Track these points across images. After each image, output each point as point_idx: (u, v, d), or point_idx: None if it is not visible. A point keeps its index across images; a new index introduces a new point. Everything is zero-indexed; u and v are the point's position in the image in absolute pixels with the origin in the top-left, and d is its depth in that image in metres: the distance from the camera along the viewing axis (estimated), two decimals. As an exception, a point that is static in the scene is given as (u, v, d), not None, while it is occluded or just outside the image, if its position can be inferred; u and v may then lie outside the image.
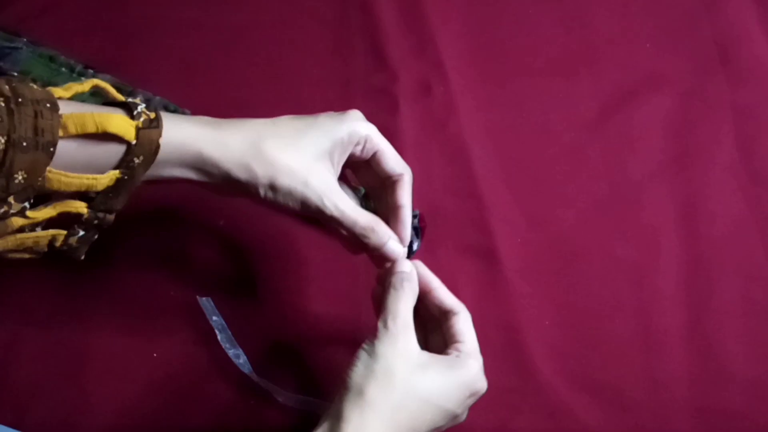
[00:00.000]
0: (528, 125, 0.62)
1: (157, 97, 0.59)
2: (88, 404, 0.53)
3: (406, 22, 0.65)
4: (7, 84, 0.37)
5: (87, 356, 0.55)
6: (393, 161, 0.47)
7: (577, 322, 0.56)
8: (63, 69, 0.60)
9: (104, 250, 0.46)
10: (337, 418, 0.40)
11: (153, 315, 0.56)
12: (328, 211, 0.44)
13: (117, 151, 0.39)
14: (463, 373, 0.43)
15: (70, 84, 0.40)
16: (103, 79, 0.45)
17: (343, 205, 0.44)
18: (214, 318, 0.54)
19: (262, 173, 0.42)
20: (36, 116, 0.36)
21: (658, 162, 0.60)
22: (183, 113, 0.57)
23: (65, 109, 0.38)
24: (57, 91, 0.39)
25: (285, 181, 0.43)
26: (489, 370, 0.55)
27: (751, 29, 0.64)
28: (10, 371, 0.54)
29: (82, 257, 0.43)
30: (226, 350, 0.53)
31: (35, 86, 0.37)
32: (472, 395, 0.44)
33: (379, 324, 0.43)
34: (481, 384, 0.45)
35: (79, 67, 0.60)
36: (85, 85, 0.40)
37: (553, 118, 0.62)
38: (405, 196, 0.47)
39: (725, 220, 0.59)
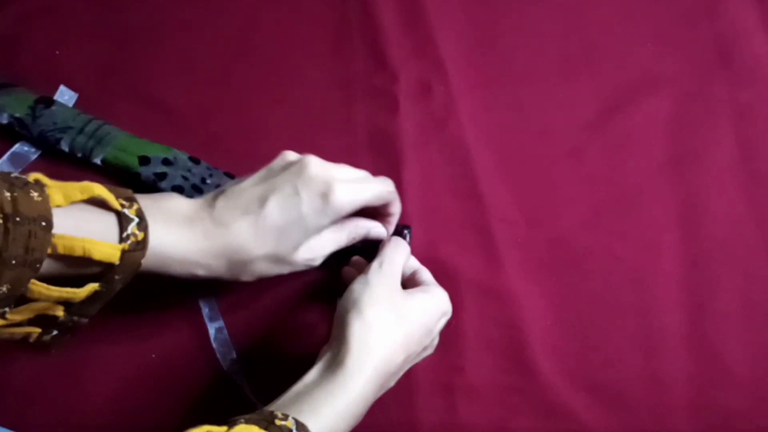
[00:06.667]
0: (528, 125, 0.62)
1: (219, 171, 0.59)
2: (88, 404, 0.53)
3: (406, 22, 0.65)
4: (9, 192, 0.37)
5: (87, 356, 0.55)
6: (377, 202, 0.50)
7: (577, 322, 0.56)
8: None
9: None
10: (341, 338, 0.44)
11: (153, 316, 0.56)
12: (317, 264, 0.49)
13: (99, 267, 0.41)
14: (435, 295, 0.49)
15: (71, 190, 0.40)
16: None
17: (324, 251, 0.49)
18: (211, 319, 0.55)
19: (245, 279, 0.47)
20: (29, 236, 0.37)
21: (658, 162, 0.60)
22: (230, 177, 0.58)
23: (59, 221, 0.38)
24: (56, 198, 0.39)
25: (269, 275, 0.47)
26: (489, 369, 0.55)
27: (751, 29, 0.64)
28: (10, 371, 0.54)
29: (53, 351, 0.44)
30: (217, 352, 0.54)
31: (35, 196, 0.38)
32: (443, 314, 0.50)
33: (374, 264, 0.48)
34: (449, 306, 0.50)
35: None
36: (85, 194, 0.41)
37: (553, 119, 0.62)
38: (395, 208, 0.52)
39: (725, 220, 0.59)
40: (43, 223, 0.38)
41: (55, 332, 0.43)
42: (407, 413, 0.54)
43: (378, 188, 0.49)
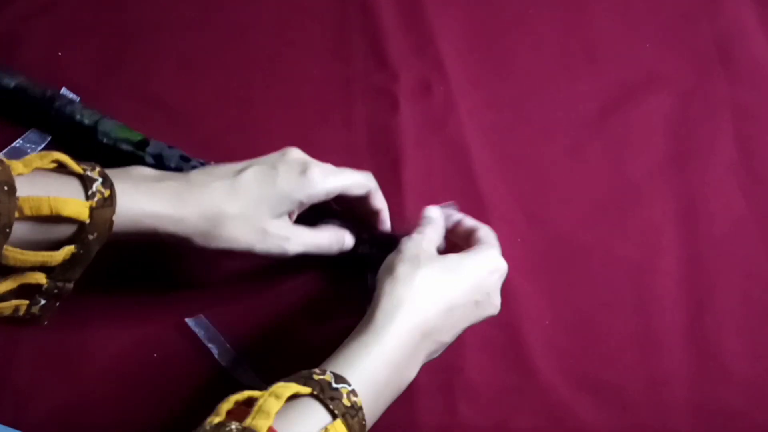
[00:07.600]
0: (528, 125, 0.62)
1: (174, 150, 0.58)
2: (88, 404, 0.53)
3: (406, 22, 0.65)
4: None
5: (87, 356, 0.55)
6: (357, 190, 0.51)
7: (577, 321, 0.56)
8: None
9: (105, 250, 0.46)
10: (374, 297, 0.44)
11: (153, 315, 0.56)
12: (291, 252, 0.49)
13: (71, 227, 0.41)
14: (478, 253, 0.48)
15: (30, 158, 0.41)
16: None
17: (302, 239, 0.49)
18: (207, 338, 0.54)
19: (217, 243, 0.47)
20: None
21: (658, 162, 0.60)
22: (201, 164, 0.57)
23: (23, 188, 0.39)
24: (17, 167, 0.40)
25: (242, 244, 0.47)
26: (489, 369, 0.55)
27: (751, 29, 0.64)
28: (10, 371, 0.54)
29: (45, 323, 0.45)
30: (229, 369, 0.54)
31: None
32: (495, 271, 0.48)
33: (414, 234, 0.48)
34: (502, 264, 0.49)
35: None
36: (45, 160, 0.42)
37: (553, 118, 0.62)
38: (378, 202, 0.53)
39: (725, 220, 0.59)
40: (6, 188, 0.38)
41: (42, 301, 0.43)
42: (407, 413, 0.54)
43: (356, 176, 0.50)
